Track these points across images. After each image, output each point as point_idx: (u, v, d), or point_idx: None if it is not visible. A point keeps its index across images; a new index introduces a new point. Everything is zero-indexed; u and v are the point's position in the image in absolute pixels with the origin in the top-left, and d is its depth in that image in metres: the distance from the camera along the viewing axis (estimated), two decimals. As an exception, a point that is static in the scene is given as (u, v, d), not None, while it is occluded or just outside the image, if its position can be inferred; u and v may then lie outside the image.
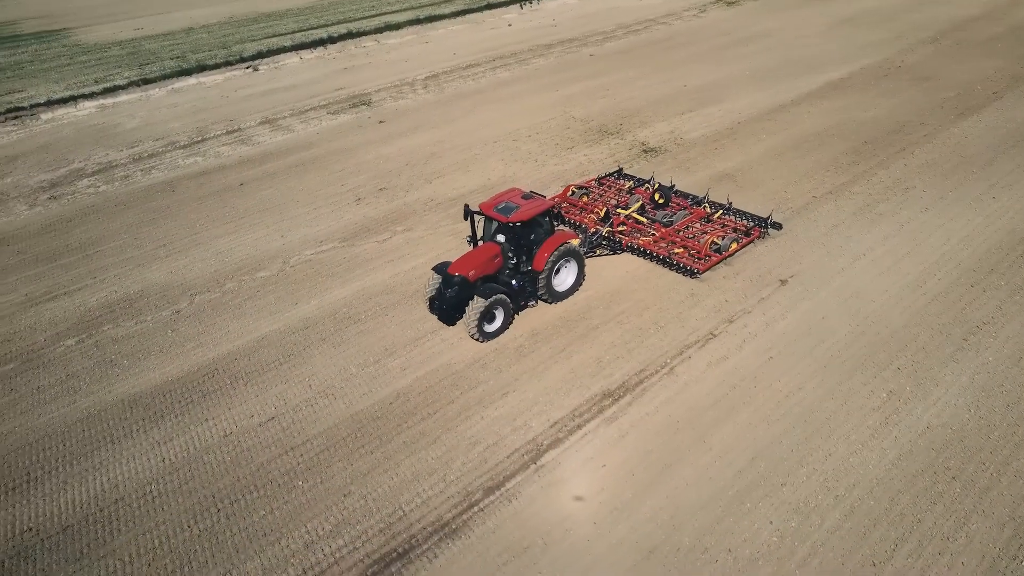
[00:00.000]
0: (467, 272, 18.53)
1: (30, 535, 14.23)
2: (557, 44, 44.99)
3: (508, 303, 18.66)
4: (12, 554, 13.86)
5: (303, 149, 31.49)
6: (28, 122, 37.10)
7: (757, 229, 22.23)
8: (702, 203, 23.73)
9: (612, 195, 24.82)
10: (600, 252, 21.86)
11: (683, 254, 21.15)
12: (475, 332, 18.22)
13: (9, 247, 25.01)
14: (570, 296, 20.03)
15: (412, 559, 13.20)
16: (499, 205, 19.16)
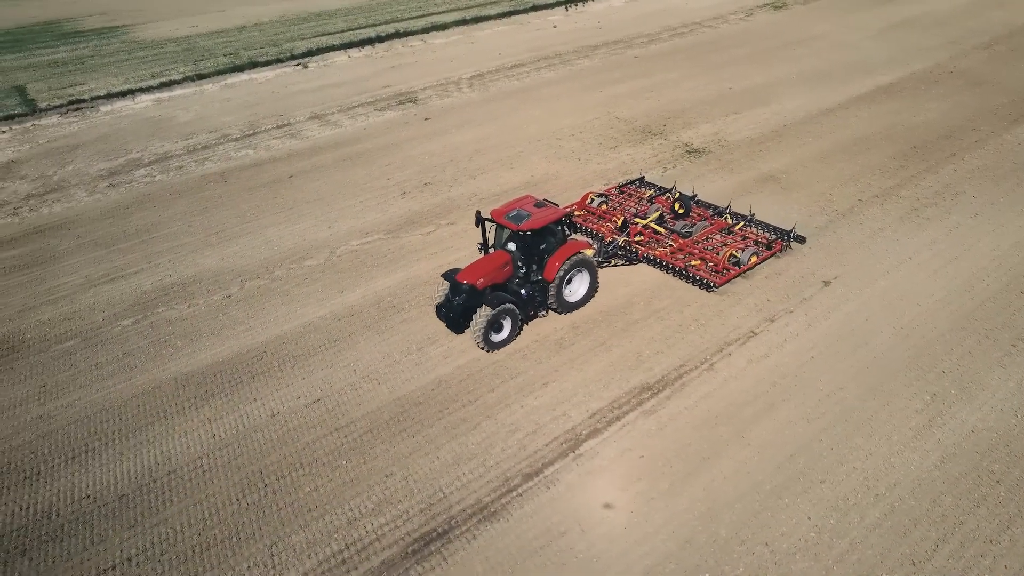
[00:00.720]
0: (475, 280, 18.19)
1: (88, 502, 14.90)
2: (602, 46, 45.11)
3: (516, 313, 18.25)
4: (71, 519, 14.53)
5: (350, 144, 32.16)
6: (89, 114, 38.50)
7: (779, 242, 21.47)
8: (723, 214, 22.99)
9: (632, 204, 24.16)
10: (615, 262, 21.34)
11: (700, 266, 20.48)
12: (481, 341, 17.88)
13: (70, 232, 26.06)
14: (582, 307, 19.58)
15: (451, 539, 13.51)
16: (510, 213, 18.76)
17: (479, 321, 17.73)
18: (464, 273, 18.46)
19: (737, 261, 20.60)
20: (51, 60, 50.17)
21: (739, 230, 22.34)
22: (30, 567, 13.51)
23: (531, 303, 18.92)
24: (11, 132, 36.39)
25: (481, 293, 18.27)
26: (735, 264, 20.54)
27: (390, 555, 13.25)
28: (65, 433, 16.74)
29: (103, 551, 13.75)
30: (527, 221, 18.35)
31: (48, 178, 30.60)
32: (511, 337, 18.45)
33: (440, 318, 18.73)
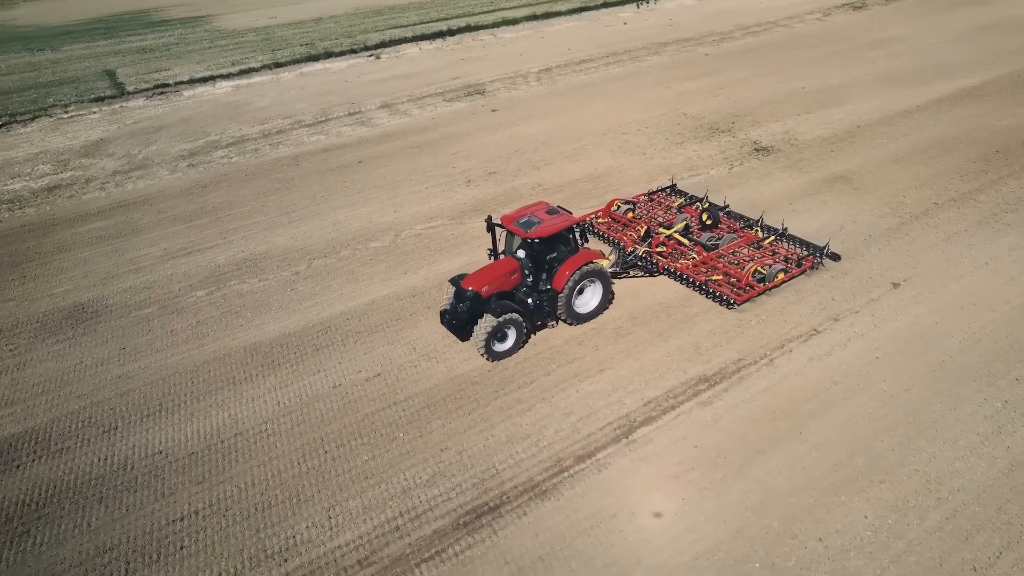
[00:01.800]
0: (480, 287, 17.60)
1: (160, 457, 15.71)
2: (672, 43, 44.75)
3: (521, 322, 17.60)
4: (144, 472, 15.35)
5: (418, 132, 32.80)
6: (172, 97, 40.28)
7: (810, 259, 20.28)
8: (754, 227, 22.13)
9: (660, 212, 23.38)
10: (634, 273, 20.54)
11: (722, 282, 19.56)
12: (483, 350, 17.41)
13: (152, 207, 27.37)
14: (594, 319, 18.85)
15: (502, 514, 13.75)
16: (521, 219, 18.09)
17: (481, 330, 17.19)
18: (469, 279, 17.86)
19: (762, 278, 19.59)
20: (139, 47, 52.61)
21: (768, 244, 21.30)
22: (106, 514, 14.34)
23: (538, 313, 18.29)
24: (101, 113, 38.38)
25: (486, 301, 17.65)
26: (760, 281, 19.55)
27: (442, 525, 13.58)
28: (141, 393, 17.67)
29: (173, 503, 14.49)
30: (536, 228, 17.67)
31: (133, 156, 32.18)
32: (516, 347, 17.82)
33: (444, 324, 18.14)
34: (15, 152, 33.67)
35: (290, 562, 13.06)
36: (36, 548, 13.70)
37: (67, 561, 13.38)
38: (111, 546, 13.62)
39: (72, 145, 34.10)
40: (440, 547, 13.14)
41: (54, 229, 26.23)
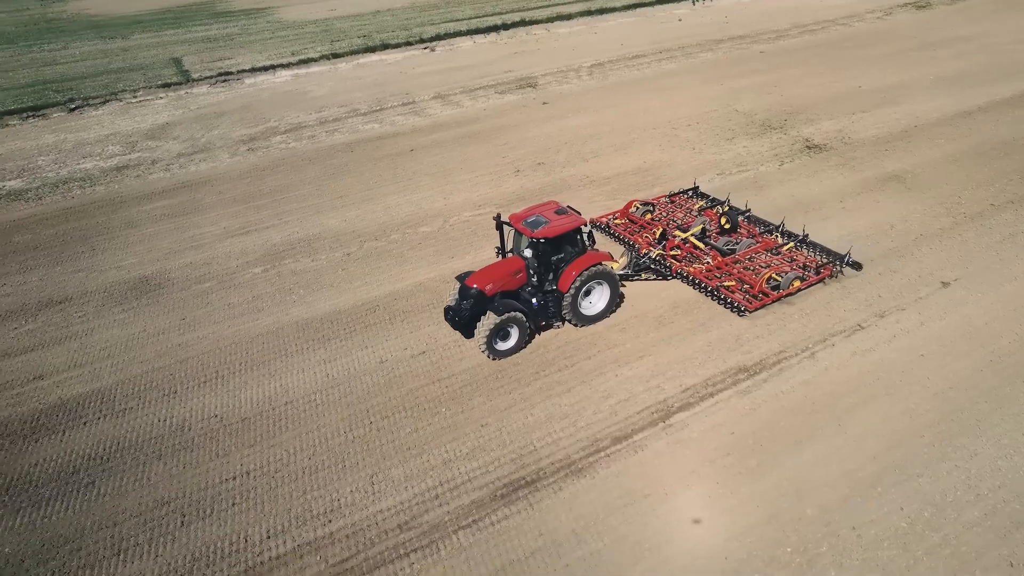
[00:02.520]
0: (484, 285, 17.54)
1: (215, 421, 16.53)
2: (727, 40, 44.41)
3: (524, 321, 17.48)
4: (200, 434, 16.18)
5: (470, 123, 33.35)
6: (234, 85, 41.66)
7: (829, 267, 19.67)
8: (774, 232, 21.66)
9: (680, 214, 22.99)
10: (646, 276, 20.26)
11: (735, 288, 19.20)
12: (484, 348, 17.34)
13: (212, 188, 28.51)
14: (600, 321, 18.66)
15: (538, 488, 14.13)
16: (529, 218, 18.01)
17: (483, 328, 17.19)
18: (474, 277, 17.80)
19: (776, 285, 19.17)
20: (204, 36, 54.45)
21: (787, 251, 20.78)
22: (164, 470, 15.19)
23: (542, 313, 18.19)
24: (167, 98, 39.96)
25: (490, 299, 17.60)
26: (774, 288, 19.13)
27: (480, 496, 14.04)
28: (199, 360, 18.57)
29: (226, 464, 15.26)
30: (543, 228, 17.58)
31: (196, 140, 33.49)
32: (519, 346, 17.77)
33: (448, 321, 18.12)
34: (87, 133, 35.34)
35: (334, 523, 13.67)
36: (100, 498, 14.61)
37: (128, 511, 14.25)
38: (168, 499, 14.45)
39: (140, 128, 35.62)
40: (477, 516, 13.59)
41: (122, 206, 27.54)
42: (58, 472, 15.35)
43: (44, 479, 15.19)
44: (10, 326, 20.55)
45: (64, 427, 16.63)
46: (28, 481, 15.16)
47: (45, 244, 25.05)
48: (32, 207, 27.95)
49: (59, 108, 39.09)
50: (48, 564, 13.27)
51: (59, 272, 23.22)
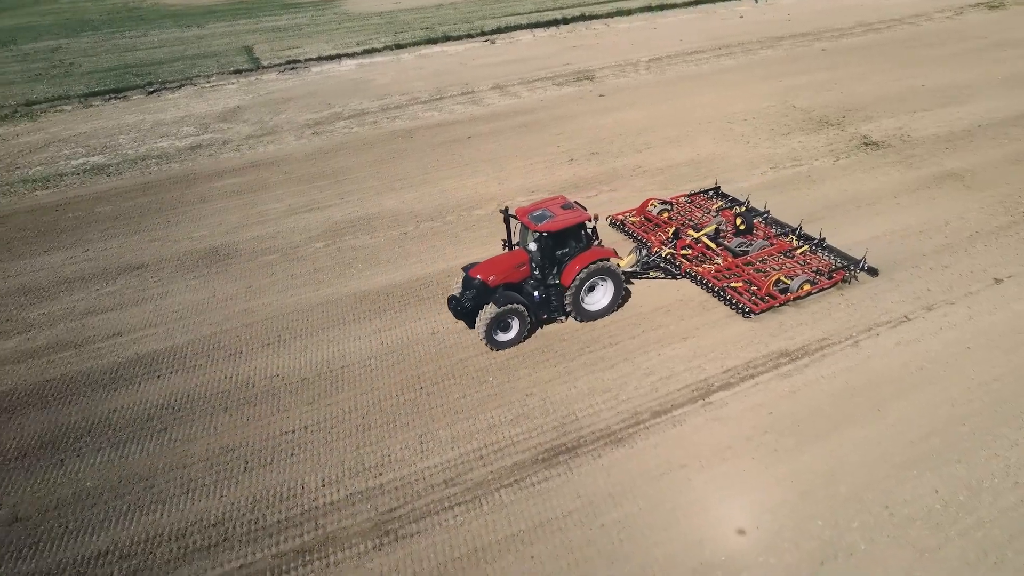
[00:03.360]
0: (487, 277, 17.79)
1: (277, 379, 17.60)
2: (788, 37, 44.06)
3: (524, 314, 17.67)
4: (263, 390, 17.27)
5: (526, 113, 34.05)
6: (302, 73, 43.25)
7: (841, 272, 19.45)
8: (789, 235, 21.49)
9: (697, 214, 22.92)
10: (655, 275, 20.29)
11: (742, 289, 19.11)
12: (484, 338, 17.61)
13: (279, 168, 29.87)
14: (603, 317, 18.75)
15: (578, 455, 14.75)
16: (535, 212, 18.20)
17: (482, 319, 17.42)
18: (478, 268, 18.10)
19: (785, 288, 19.04)
20: (274, 27, 56.46)
21: (800, 254, 20.55)
22: (229, 421, 16.32)
23: (544, 306, 18.40)
24: (239, 83, 41.76)
25: (492, 290, 17.85)
26: (783, 291, 18.98)
27: (522, 459, 14.73)
28: (263, 325, 19.73)
29: (286, 418, 16.30)
30: (547, 222, 17.76)
31: (265, 123, 35.02)
32: (519, 338, 17.98)
33: (451, 310, 18.35)
34: (164, 115, 37.26)
35: (384, 475, 14.55)
36: (172, 443, 15.81)
37: (196, 456, 15.39)
38: (233, 447, 15.55)
39: (212, 111, 37.39)
40: (519, 477, 14.29)
41: (195, 182, 29.12)
42: (134, 418, 16.63)
43: (122, 424, 16.48)
44: (92, 288, 22.11)
45: (140, 379, 17.95)
46: (107, 425, 16.48)
47: (124, 215, 26.72)
48: (113, 181, 29.77)
49: (139, 91, 41.25)
50: (124, 498, 14.48)
51: (137, 240, 24.79)
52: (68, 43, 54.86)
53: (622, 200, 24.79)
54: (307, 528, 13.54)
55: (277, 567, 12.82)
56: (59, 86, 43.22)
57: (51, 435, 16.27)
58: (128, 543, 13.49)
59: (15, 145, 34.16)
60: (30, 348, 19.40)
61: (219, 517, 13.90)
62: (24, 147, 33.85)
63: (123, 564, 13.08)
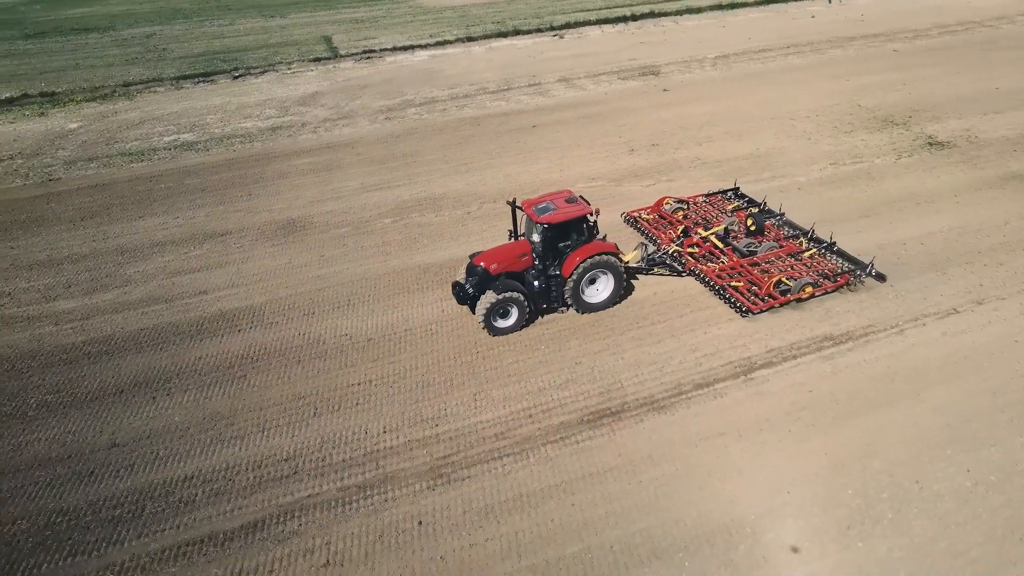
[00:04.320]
0: (490, 265, 18.48)
1: (345, 339, 19.04)
2: (860, 38, 43.64)
3: (523, 302, 18.25)
4: (332, 348, 18.72)
5: (590, 105, 34.93)
6: (377, 62, 45.09)
7: (846, 276, 19.50)
8: (800, 238, 21.50)
9: (712, 213, 23.17)
10: (659, 271, 20.64)
11: (743, 288, 19.33)
12: (483, 324, 18.25)
13: (353, 150, 31.55)
14: (604, 310, 19.16)
15: (621, 418, 15.67)
16: (540, 204, 18.76)
17: (482, 305, 18.13)
18: (482, 256, 18.85)
19: (786, 289, 19.16)
20: (352, 18, 58.72)
21: (808, 257, 20.62)
22: (301, 371, 17.81)
23: (543, 296, 18.92)
24: (318, 71, 43.87)
25: (494, 278, 18.48)
26: (784, 292, 19.10)
27: (568, 419, 15.73)
28: (334, 290, 21.23)
29: (352, 372, 17.69)
30: (549, 214, 18.34)
31: (341, 108, 36.86)
32: (517, 326, 18.55)
33: (454, 295, 19.00)
34: (248, 98, 39.54)
35: (440, 427, 15.77)
36: (250, 388, 17.39)
37: (271, 400, 16.92)
38: (304, 395, 17.02)
39: (292, 95, 39.48)
40: (564, 435, 15.31)
41: (275, 160, 31.03)
42: (217, 365, 18.30)
43: (206, 369, 18.17)
44: (181, 251, 24.06)
45: (222, 332, 19.65)
46: (194, 370, 18.18)
47: (211, 187, 28.77)
48: (201, 157, 31.96)
49: (225, 76, 43.77)
50: (207, 433, 16.09)
51: (222, 211, 26.73)
52: (162, 30, 58.30)
53: (679, 189, 25.46)
54: (368, 467, 14.86)
55: (341, 498, 14.16)
56: (153, 69, 46.15)
57: (144, 376, 18.07)
58: (210, 470, 15.06)
59: (114, 122, 36.87)
60: (126, 301, 21.39)
61: (291, 453, 15.35)
62: (122, 124, 36.52)
63: (206, 487, 14.64)
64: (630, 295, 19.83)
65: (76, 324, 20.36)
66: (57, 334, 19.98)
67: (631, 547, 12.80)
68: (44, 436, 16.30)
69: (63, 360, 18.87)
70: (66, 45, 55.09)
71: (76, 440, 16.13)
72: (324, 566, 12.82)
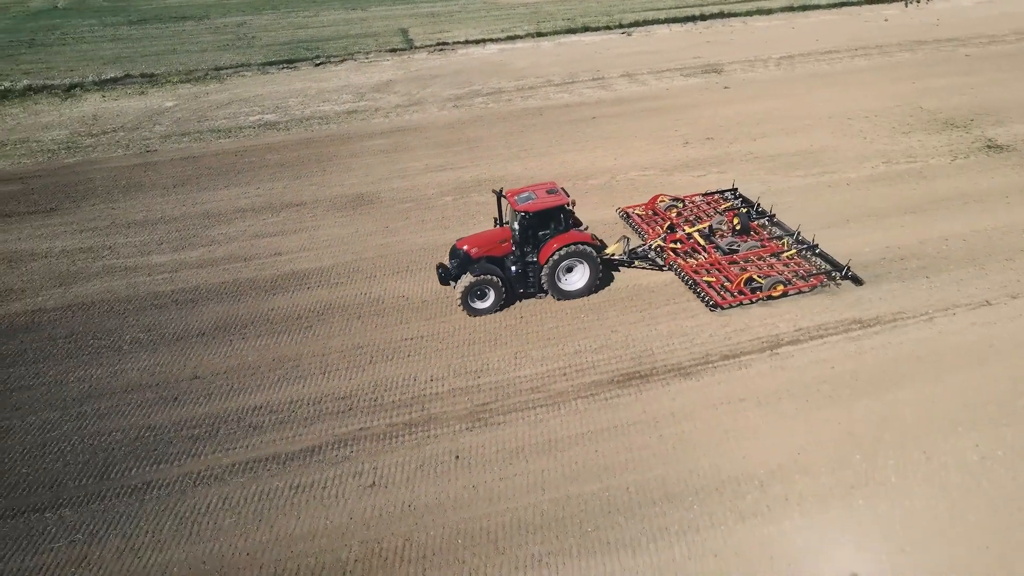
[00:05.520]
0: (471, 249, 19.62)
1: (403, 300, 20.75)
2: (931, 42, 43.15)
3: (499, 284, 19.23)
4: (390, 306, 20.46)
5: (651, 99, 35.91)
6: (449, 54, 47.05)
7: (820, 277, 19.98)
8: (784, 238, 21.90)
9: (707, 212, 23.79)
10: (639, 264, 21.37)
11: (715, 284, 19.95)
12: (460, 304, 19.38)
13: (420, 134, 33.43)
14: (579, 298, 19.99)
15: (649, 381, 16.86)
16: (522, 194, 19.77)
17: (459, 286, 19.30)
18: (465, 240, 20.03)
19: (757, 287, 19.67)
20: (429, 12, 61.02)
21: (787, 257, 21.04)
22: (361, 326, 19.61)
23: (520, 281, 19.95)
24: (393, 61, 46.13)
25: (474, 261, 19.56)
26: (754, 290, 19.61)
27: (599, 379, 17.03)
28: (395, 257, 23.02)
29: (406, 328, 19.41)
30: (527, 203, 19.38)
31: (412, 95, 38.87)
32: (494, 307, 19.58)
33: (438, 276, 20.08)
34: (327, 84, 42.01)
35: (481, 379, 17.29)
36: (314, 336, 19.29)
37: (333, 348, 18.77)
38: (362, 345, 18.81)
39: (368, 82, 41.75)
40: (594, 392, 16.62)
41: (348, 141, 33.19)
42: (286, 316, 20.28)
43: (277, 319, 20.17)
44: (260, 217, 26.30)
45: (293, 288, 21.66)
46: (266, 319, 20.21)
47: (289, 163, 31.07)
48: (282, 135, 34.40)
49: (307, 63, 46.46)
50: (276, 372, 18.03)
51: (298, 184, 28.94)
52: (251, 19, 61.86)
53: (728, 181, 26.30)
54: (415, 409, 16.50)
55: (389, 433, 15.84)
56: (242, 55, 49.28)
57: (224, 322, 20.19)
58: (277, 403, 16.97)
59: (205, 102, 39.83)
60: (210, 258, 23.68)
61: (347, 393, 17.13)
62: (213, 104, 39.44)
63: (272, 416, 16.54)
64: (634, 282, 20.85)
65: (166, 275, 22.74)
66: (150, 283, 22.38)
67: (646, 490, 14.03)
68: (136, 367, 18.57)
69: (154, 305, 21.22)
70: (165, 31, 59.14)
71: (163, 371, 18.33)
72: (370, 486, 14.49)
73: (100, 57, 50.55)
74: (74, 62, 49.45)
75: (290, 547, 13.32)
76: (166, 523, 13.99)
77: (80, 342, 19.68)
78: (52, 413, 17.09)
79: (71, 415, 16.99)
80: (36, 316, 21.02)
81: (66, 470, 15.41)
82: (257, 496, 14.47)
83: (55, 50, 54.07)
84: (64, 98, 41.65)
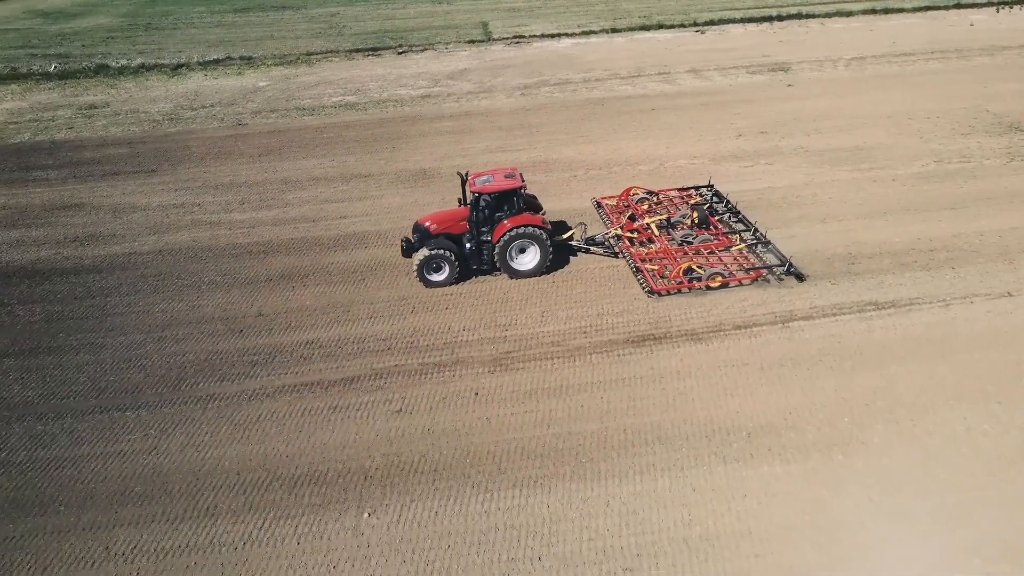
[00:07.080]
0: (431, 225, 21.21)
1: (448, 262, 22.67)
2: (1016, 47, 42.01)
3: (453, 260, 20.68)
4: (436, 268, 22.43)
5: (712, 94, 36.71)
6: (524, 46, 48.89)
7: (760, 271, 20.61)
8: (739, 233, 22.66)
9: (676, 206, 24.52)
10: (594, 250, 22.42)
11: (657, 272, 20.80)
12: (416, 275, 20.85)
13: (486, 118, 35.36)
14: (531, 277, 21.15)
15: (662, 342, 18.20)
16: (482, 177, 21.23)
17: (415, 259, 20.83)
18: (426, 217, 21.78)
19: (696, 276, 20.51)
20: (510, 7, 63.05)
21: (736, 251, 21.78)
22: (407, 281, 21.56)
23: (475, 258, 21.33)
24: (470, 51, 48.33)
25: (433, 237, 21.06)
26: (692, 280, 20.41)
27: (615, 338, 18.47)
28: (447, 225, 24.96)
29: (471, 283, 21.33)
30: (482, 185, 20.84)
31: (483, 83, 40.88)
32: (448, 281, 20.99)
33: (401, 249, 21.65)
34: (406, 70, 44.53)
35: (508, 331, 19.03)
36: (366, 288, 21.45)
37: (380, 298, 20.87)
38: (406, 297, 20.85)
39: (444, 70, 44.01)
40: (609, 349, 18.09)
41: (419, 122, 35.45)
42: (344, 270, 22.53)
43: (335, 272, 22.44)
44: (331, 185, 28.78)
45: (352, 247, 23.91)
46: (326, 272, 22.51)
47: (363, 140, 33.54)
48: (359, 115, 37.01)
49: (390, 51, 49.17)
50: (328, 315, 20.25)
51: (368, 158, 31.34)
52: (344, 10, 65.36)
53: (775, 172, 27.11)
54: (445, 353, 18.37)
55: (420, 370, 17.77)
56: (332, 42, 52.49)
57: (288, 272, 22.60)
58: (327, 340, 19.16)
59: (295, 83, 43.00)
60: (284, 217, 26.26)
61: (388, 335, 19.18)
62: (301, 85, 42.55)
63: (321, 351, 18.73)
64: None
65: (244, 231, 25.41)
66: (230, 236, 25.09)
67: (641, 432, 15.45)
68: (211, 303, 21.18)
69: (231, 254, 23.86)
70: (265, 19, 63.29)
71: (233, 308, 20.85)
72: (397, 412, 16.45)
73: (205, 41, 54.82)
74: (183, 44, 53.84)
75: (323, 454, 15.40)
76: (223, 427, 16.33)
77: (166, 280, 22.48)
78: (138, 336, 19.83)
79: (153, 338, 19.68)
80: (132, 258, 24.01)
81: (146, 381, 18.04)
82: (300, 412, 16.64)
83: (167, 33, 58.86)
84: (171, 76, 45.69)
